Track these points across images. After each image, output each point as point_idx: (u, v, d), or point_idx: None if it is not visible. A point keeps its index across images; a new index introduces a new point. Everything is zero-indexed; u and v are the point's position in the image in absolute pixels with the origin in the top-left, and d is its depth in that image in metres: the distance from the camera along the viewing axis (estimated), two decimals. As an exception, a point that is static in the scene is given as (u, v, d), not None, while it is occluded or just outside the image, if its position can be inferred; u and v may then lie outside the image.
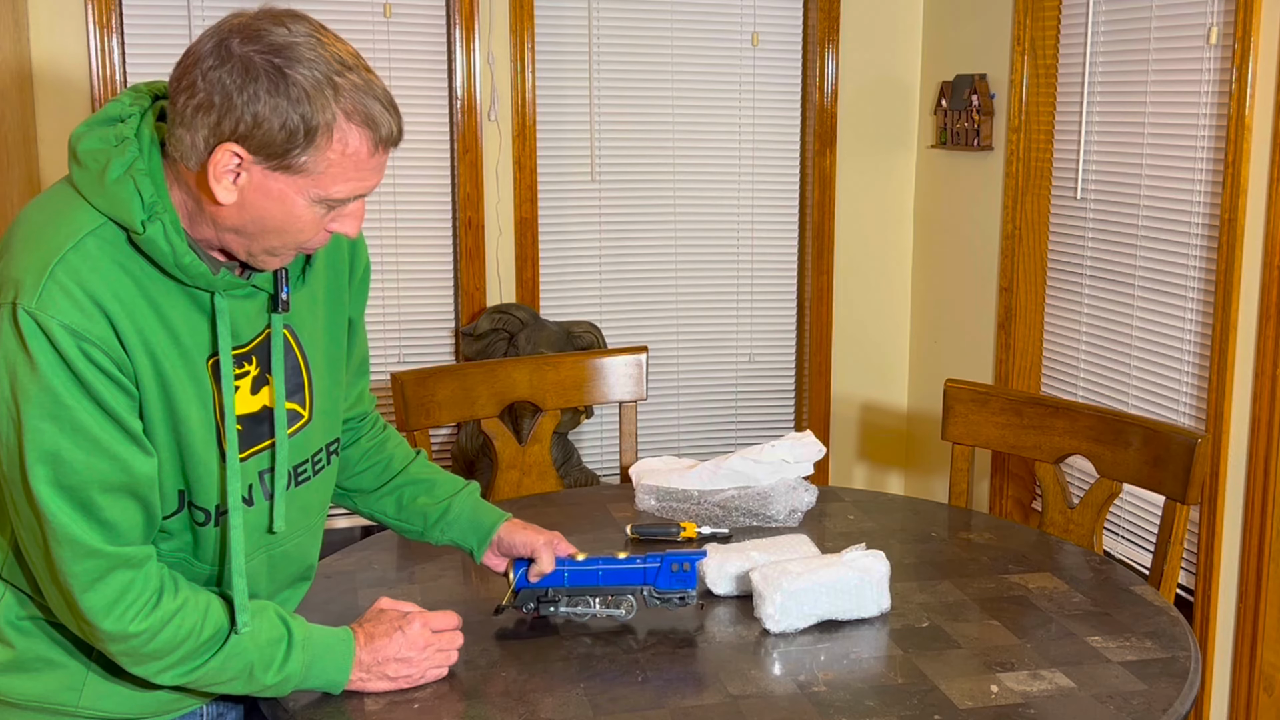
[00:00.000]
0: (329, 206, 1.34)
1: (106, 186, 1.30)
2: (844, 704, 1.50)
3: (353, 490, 1.80)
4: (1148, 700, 1.51)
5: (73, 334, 1.27)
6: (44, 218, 1.33)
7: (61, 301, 1.27)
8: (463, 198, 3.48)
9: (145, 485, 1.35)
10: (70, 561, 1.32)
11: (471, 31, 3.41)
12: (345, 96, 1.28)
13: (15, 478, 1.31)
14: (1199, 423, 2.79)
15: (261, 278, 1.43)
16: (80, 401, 1.29)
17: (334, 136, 1.28)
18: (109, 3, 3.15)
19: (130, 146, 1.31)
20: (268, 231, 1.34)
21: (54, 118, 3.15)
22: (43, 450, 1.28)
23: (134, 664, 1.40)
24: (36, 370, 1.27)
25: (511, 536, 1.73)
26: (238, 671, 1.43)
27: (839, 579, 1.71)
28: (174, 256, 1.32)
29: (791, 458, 2.17)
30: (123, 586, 1.35)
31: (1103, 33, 3.10)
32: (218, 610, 1.43)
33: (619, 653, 1.64)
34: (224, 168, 1.28)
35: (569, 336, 3.39)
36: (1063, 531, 2.23)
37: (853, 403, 3.96)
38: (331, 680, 1.50)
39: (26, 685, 1.45)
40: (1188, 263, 2.83)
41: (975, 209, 3.56)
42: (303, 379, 1.52)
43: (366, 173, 1.33)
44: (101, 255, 1.30)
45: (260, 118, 1.25)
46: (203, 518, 1.44)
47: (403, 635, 1.53)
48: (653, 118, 3.67)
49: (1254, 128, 2.56)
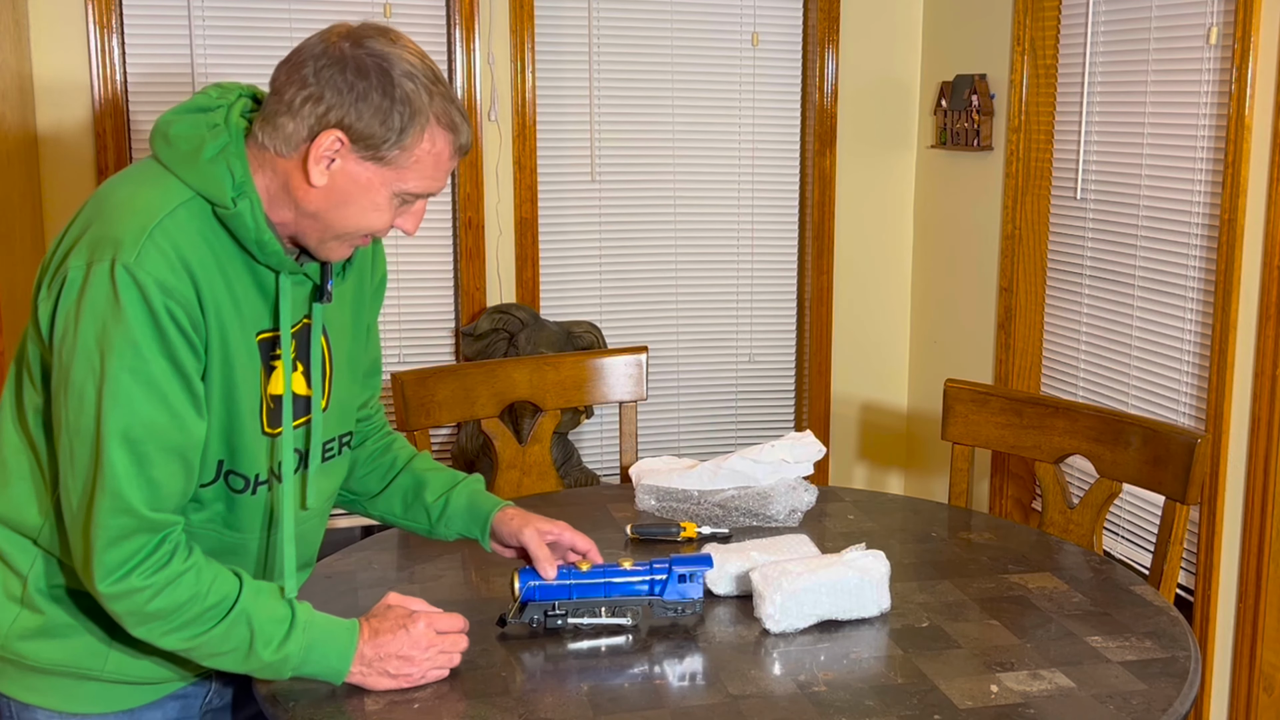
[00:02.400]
0: (403, 200, 1.49)
1: (200, 164, 1.44)
2: (844, 704, 1.50)
3: (360, 493, 1.84)
4: (1147, 700, 1.51)
5: (163, 291, 1.39)
6: (135, 189, 1.46)
7: (157, 260, 1.39)
8: (463, 198, 3.48)
9: (194, 450, 1.46)
10: (107, 514, 1.40)
11: (471, 31, 3.41)
12: (437, 103, 1.45)
13: (83, 425, 1.40)
14: (1199, 423, 2.79)
15: (310, 269, 1.55)
16: (157, 357, 1.40)
17: (425, 136, 1.44)
18: (109, 3, 3.15)
19: (222, 132, 1.46)
20: (347, 218, 1.47)
21: (54, 118, 3.15)
22: (118, 399, 1.39)
23: (137, 624, 1.45)
24: (125, 323, 1.38)
25: (502, 526, 1.76)
26: (238, 643, 1.47)
27: (839, 579, 1.71)
28: (256, 232, 1.45)
29: (791, 458, 2.17)
30: (138, 547, 1.42)
31: (1103, 33, 3.10)
32: (226, 581, 1.48)
33: (619, 653, 1.64)
34: (325, 151, 1.43)
35: (569, 336, 3.39)
36: (1063, 531, 2.23)
37: (853, 403, 3.96)
38: (332, 668, 1.52)
39: (54, 650, 1.53)
40: (1188, 263, 2.83)
41: (975, 209, 3.56)
42: (325, 370, 1.62)
43: (442, 174, 1.49)
44: (191, 224, 1.43)
45: (365, 112, 1.41)
46: (241, 484, 1.53)
47: (407, 633, 1.54)
48: (653, 118, 3.67)
49: (1254, 128, 2.56)
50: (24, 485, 1.52)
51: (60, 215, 3.18)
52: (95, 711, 1.56)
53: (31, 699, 1.55)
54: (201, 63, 3.27)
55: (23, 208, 2.98)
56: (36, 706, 1.56)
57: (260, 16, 3.30)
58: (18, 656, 1.53)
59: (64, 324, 1.41)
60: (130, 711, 1.59)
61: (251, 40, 3.29)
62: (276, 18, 3.31)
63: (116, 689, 1.57)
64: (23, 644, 1.53)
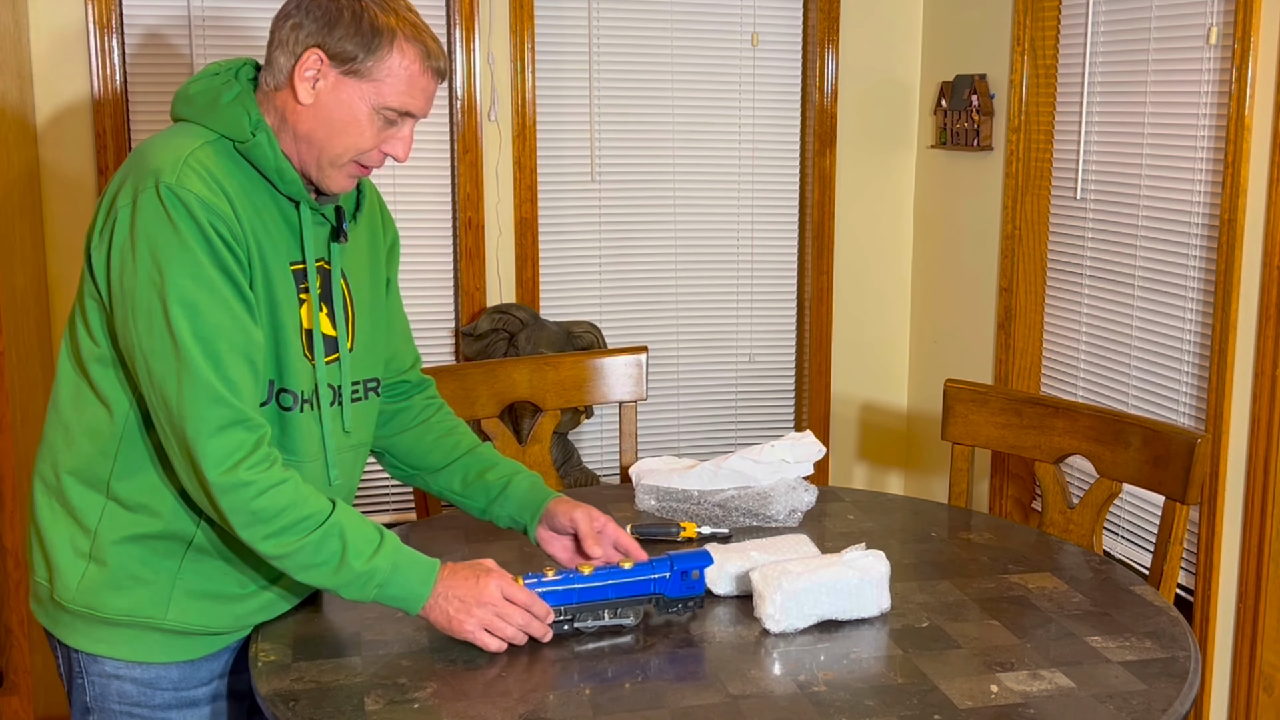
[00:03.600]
0: (384, 119, 1.62)
1: (220, 108, 1.62)
2: (844, 704, 1.50)
3: (422, 468, 1.97)
4: (1147, 700, 1.51)
5: (205, 206, 1.54)
6: (165, 139, 1.62)
7: (196, 180, 1.55)
8: (463, 198, 3.48)
9: (258, 353, 1.59)
10: (202, 406, 1.52)
11: (471, 31, 3.41)
12: (406, 27, 1.61)
13: (156, 337, 1.53)
14: (1199, 423, 2.79)
15: (326, 210, 1.70)
16: (210, 265, 1.54)
17: (394, 49, 1.59)
18: (109, 3, 3.15)
19: (234, 84, 1.65)
20: (333, 135, 1.61)
21: (54, 118, 3.15)
22: (185, 301, 1.52)
23: (243, 524, 1.56)
24: (178, 233, 1.52)
25: (557, 509, 1.85)
26: (330, 554, 1.58)
27: (839, 579, 1.71)
28: (275, 160, 1.61)
29: (791, 458, 2.17)
30: (239, 442, 1.54)
31: (1103, 33, 3.10)
32: (320, 498, 1.60)
33: (619, 653, 1.64)
34: (308, 69, 1.59)
35: (569, 336, 3.39)
36: (1063, 531, 2.23)
37: (853, 403, 3.96)
38: (414, 592, 1.62)
39: (118, 600, 1.65)
40: (1188, 263, 2.83)
41: (975, 209, 3.56)
42: (348, 313, 1.75)
43: (417, 91, 1.62)
44: (219, 157, 1.60)
45: (339, 31, 1.58)
46: (290, 401, 1.66)
47: (476, 583, 1.63)
48: (653, 118, 3.67)
49: (1254, 128, 2.56)
50: (87, 438, 1.64)
51: (60, 216, 3.18)
52: (158, 660, 1.69)
53: (99, 650, 1.67)
54: (201, 55, 3.27)
55: (22, 208, 2.98)
56: (104, 657, 1.68)
57: (260, 17, 3.30)
58: (87, 609, 1.65)
59: (120, 255, 1.55)
60: (191, 662, 1.71)
61: (251, 40, 3.29)
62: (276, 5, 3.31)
63: (178, 640, 1.68)
64: (91, 596, 1.65)
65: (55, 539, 1.67)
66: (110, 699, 1.69)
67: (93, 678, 1.69)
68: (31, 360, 2.95)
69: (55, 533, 1.67)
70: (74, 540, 1.66)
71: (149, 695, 1.70)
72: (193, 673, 1.72)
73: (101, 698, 1.69)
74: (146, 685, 1.69)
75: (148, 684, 1.69)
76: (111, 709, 1.70)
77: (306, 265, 1.67)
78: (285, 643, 1.68)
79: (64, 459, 1.67)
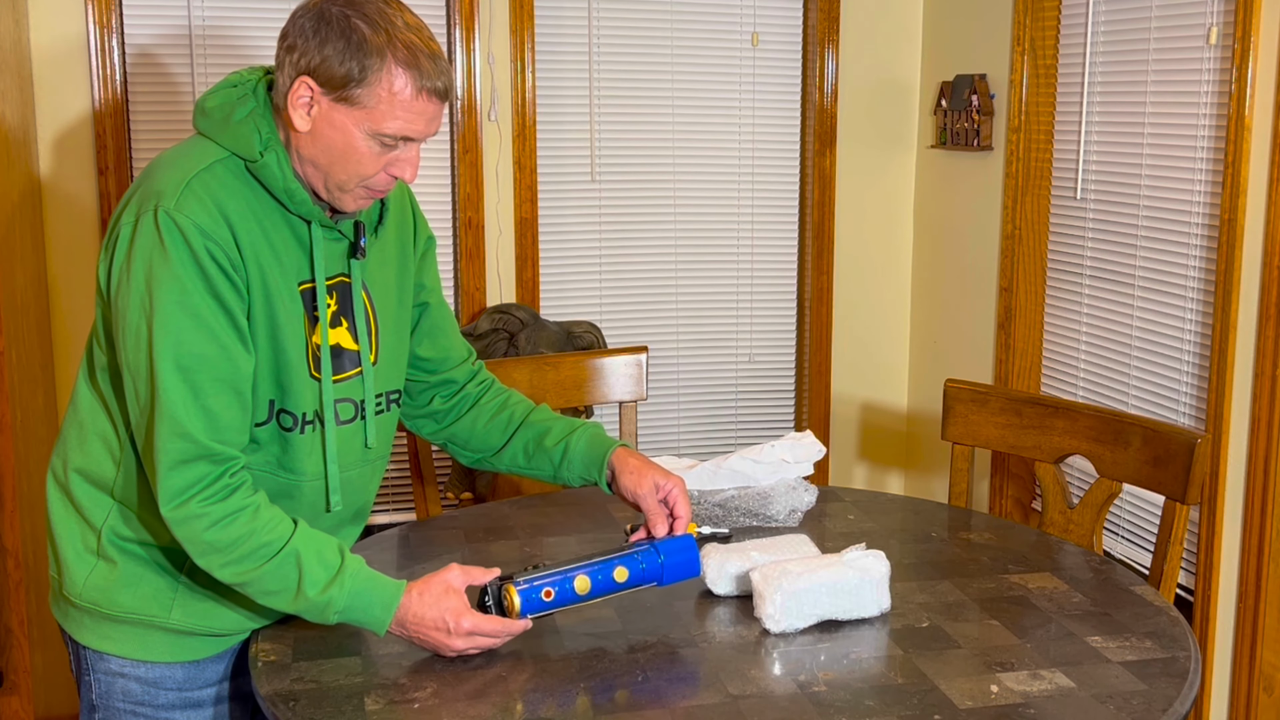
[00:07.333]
0: (382, 143, 1.58)
1: (232, 125, 1.60)
2: (844, 704, 1.50)
3: (483, 449, 1.96)
4: (1148, 700, 1.51)
5: (202, 233, 1.53)
6: (176, 155, 1.62)
7: (195, 206, 1.54)
8: (463, 198, 3.48)
9: (245, 382, 1.58)
10: (166, 438, 1.53)
11: (471, 31, 3.41)
12: (399, 48, 1.53)
13: (140, 359, 1.54)
14: (1199, 423, 2.79)
15: (344, 226, 1.68)
16: (201, 293, 1.53)
17: (384, 74, 1.53)
18: (109, 2, 3.15)
19: (250, 100, 1.62)
20: (334, 162, 1.59)
21: (54, 118, 3.15)
22: (168, 330, 1.52)
23: (198, 553, 1.57)
24: (169, 261, 1.52)
25: (624, 477, 1.82)
26: (286, 582, 1.57)
27: (839, 579, 1.71)
28: (284, 181, 1.59)
29: (791, 458, 2.17)
30: (200, 475, 1.54)
31: (1103, 33, 3.10)
32: (282, 524, 1.59)
33: (619, 653, 1.64)
34: (300, 98, 1.56)
35: (569, 336, 3.39)
36: (1063, 531, 2.23)
37: (853, 403, 3.96)
38: (375, 618, 1.60)
39: (126, 598, 1.67)
40: (1188, 263, 2.83)
41: (975, 209, 3.56)
42: (370, 326, 1.74)
43: (413, 115, 1.56)
44: (227, 178, 1.59)
45: (326, 56, 1.53)
46: (290, 422, 1.65)
47: (443, 618, 1.58)
48: (653, 118, 3.67)
49: (1254, 128, 2.56)
50: (98, 441, 1.66)
51: (60, 216, 3.18)
52: (163, 660, 1.70)
53: (105, 647, 1.69)
54: (201, 63, 3.27)
55: (22, 209, 2.98)
56: (110, 655, 1.70)
57: (260, 28, 3.30)
58: (94, 605, 1.68)
59: (119, 274, 1.55)
60: (196, 663, 1.73)
61: (252, 52, 3.29)
62: (277, 18, 3.31)
63: (182, 640, 1.70)
64: (98, 593, 1.67)
65: (65, 534, 1.70)
66: (115, 697, 1.71)
67: (99, 675, 1.71)
68: (31, 360, 2.95)
69: (65, 528, 1.70)
70: (83, 536, 1.69)
71: (153, 694, 1.71)
72: (197, 674, 1.73)
73: (107, 695, 1.71)
74: (151, 684, 1.70)
75: (152, 683, 1.71)
76: (116, 707, 1.71)
77: (316, 285, 1.65)
78: (285, 643, 1.68)
79: (74, 456, 1.69)
